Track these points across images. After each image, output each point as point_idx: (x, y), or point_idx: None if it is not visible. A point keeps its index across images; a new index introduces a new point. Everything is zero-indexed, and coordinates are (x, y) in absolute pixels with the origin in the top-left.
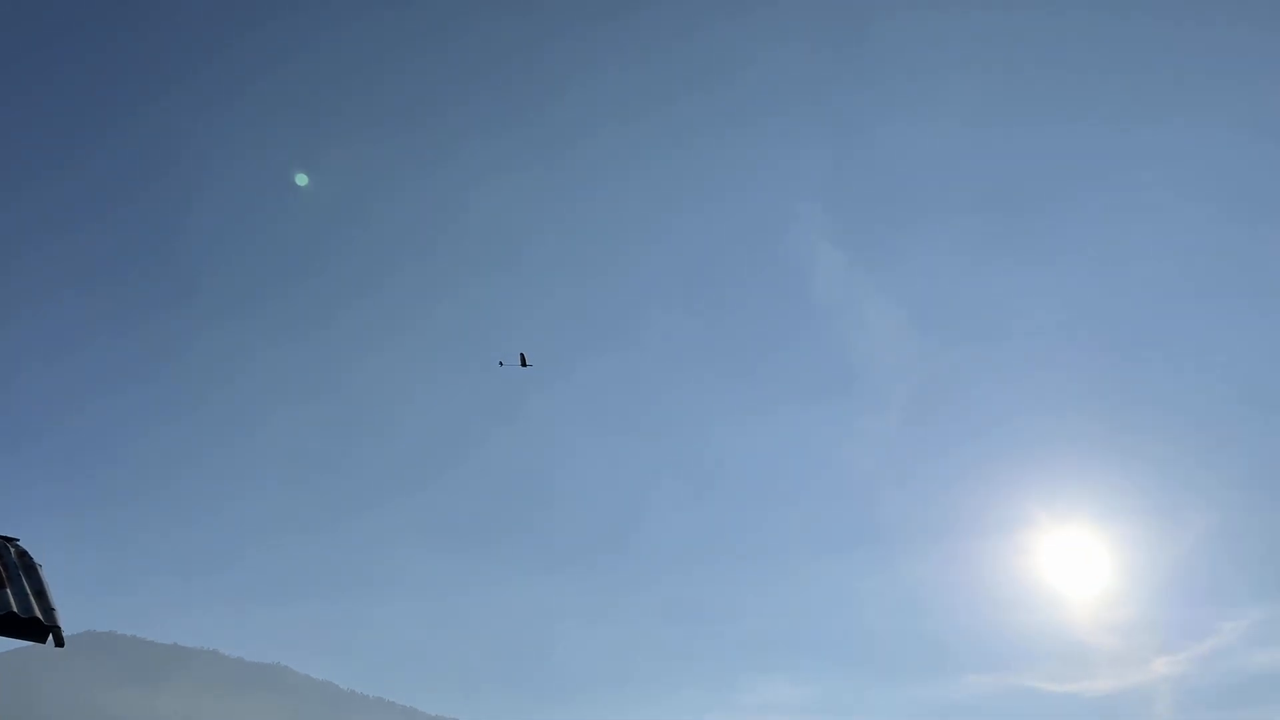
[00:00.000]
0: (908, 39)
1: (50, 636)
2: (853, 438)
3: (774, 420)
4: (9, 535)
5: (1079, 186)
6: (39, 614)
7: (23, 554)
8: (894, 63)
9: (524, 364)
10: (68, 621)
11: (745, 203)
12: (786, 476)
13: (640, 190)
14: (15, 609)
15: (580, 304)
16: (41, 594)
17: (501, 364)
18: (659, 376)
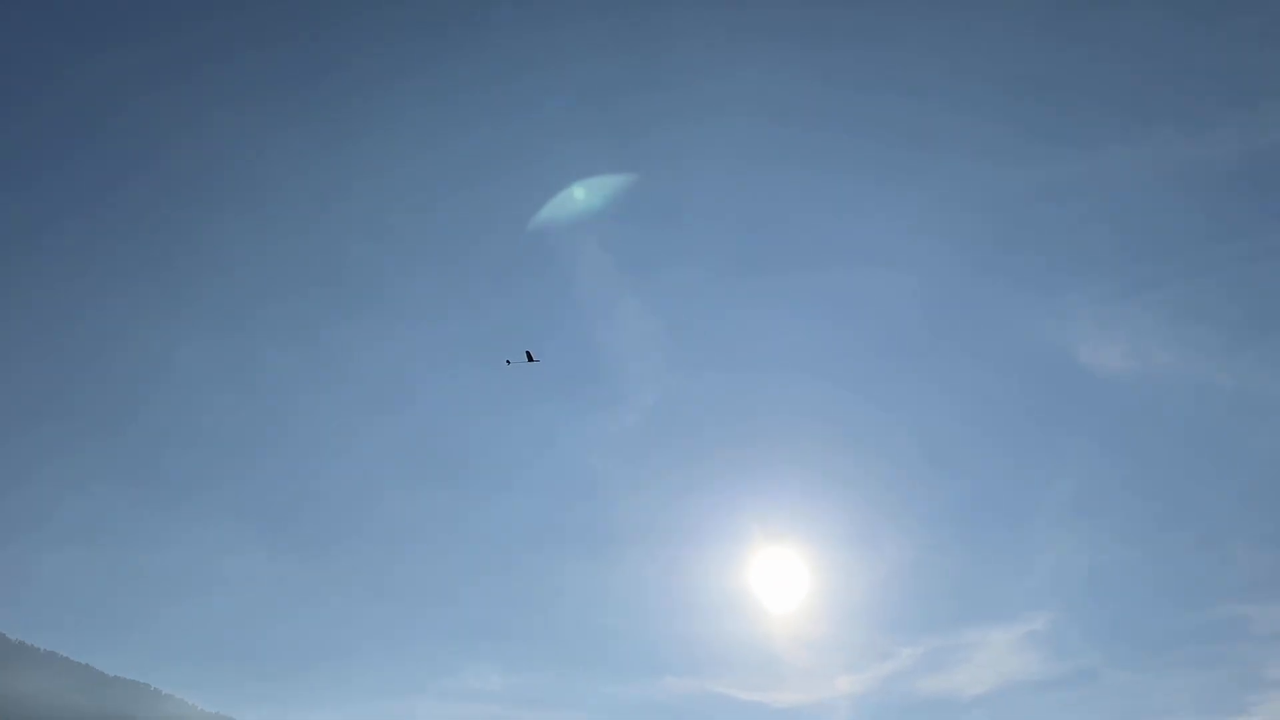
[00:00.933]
0: (706, 54)
1: None
2: (594, 438)
3: (519, 412)
4: None
5: (835, 228)
6: None
7: None
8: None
9: (530, 359)
10: None
11: (517, 189)
12: (524, 469)
13: (411, 166)
14: None
15: (336, 263)
16: None
17: (509, 362)
18: (407, 349)
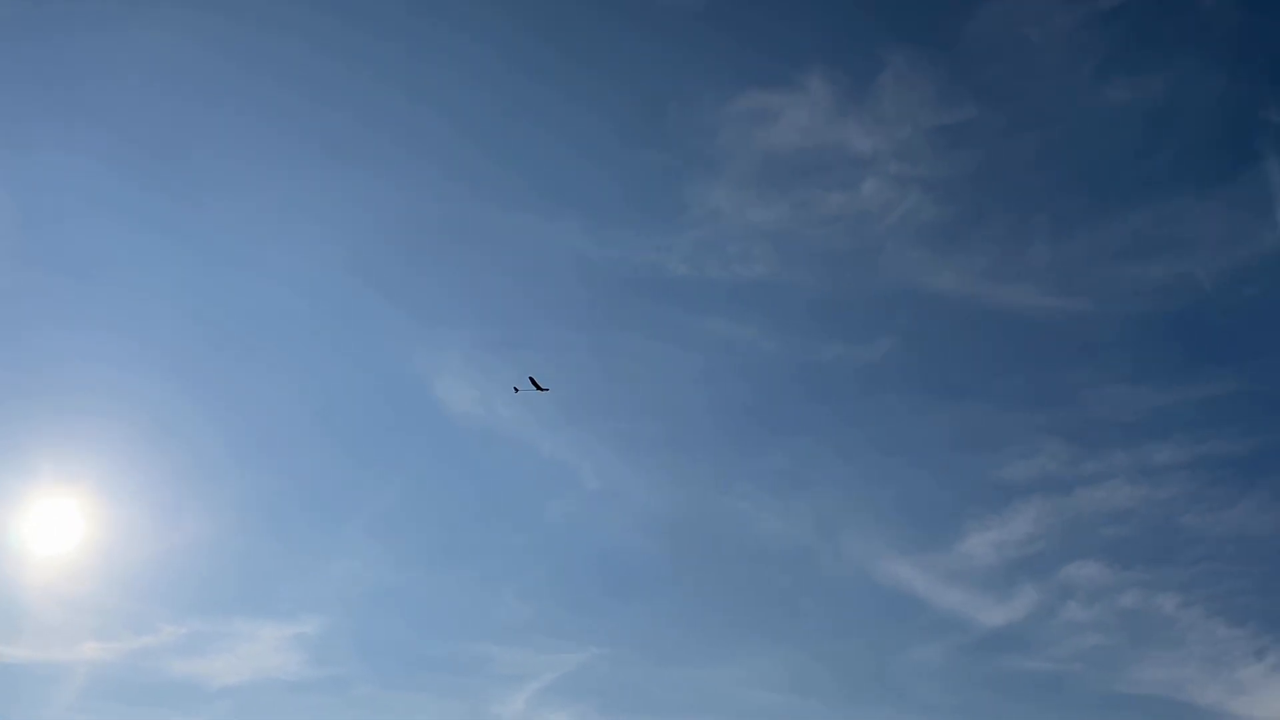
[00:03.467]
0: None
1: None
2: None
3: None
4: None
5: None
6: None
7: None
8: None
9: (538, 388)
10: None
11: None
12: None
13: None
14: None
15: None
16: None
17: (517, 390)
18: None
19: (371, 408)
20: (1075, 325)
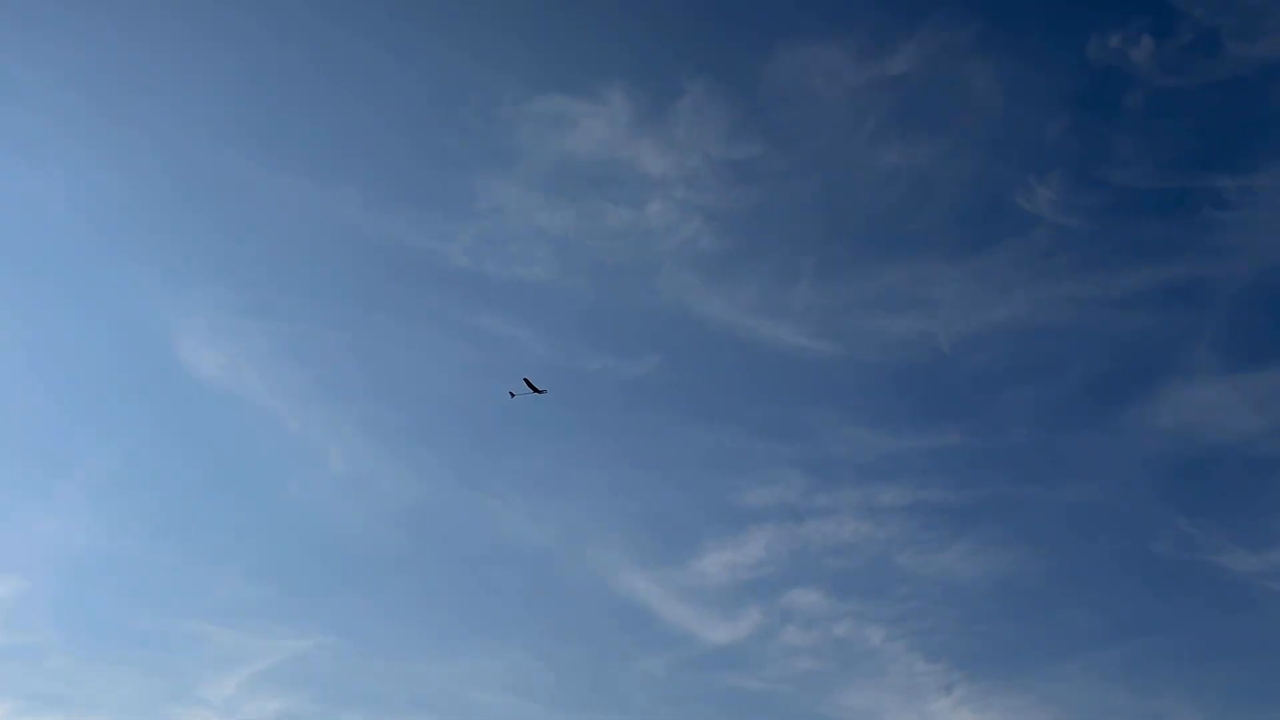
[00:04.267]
0: None
1: None
2: None
3: None
4: None
5: None
6: None
7: None
8: None
9: (535, 389)
10: None
11: None
12: None
13: None
14: None
15: None
16: None
17: (513, 395)
18: None
19: (102, 361)
20: (825, 367)
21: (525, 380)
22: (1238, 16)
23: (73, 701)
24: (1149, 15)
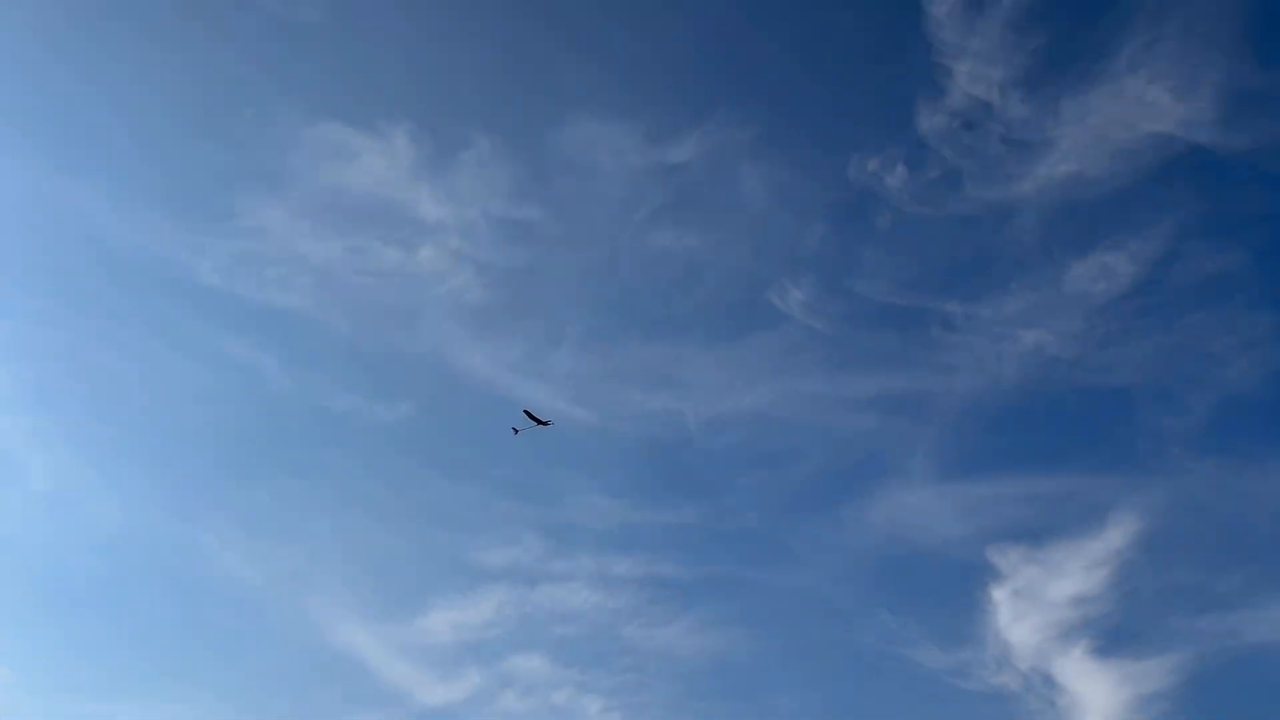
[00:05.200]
0: None
1: None
2: None
3: None
4: None
5: None
6: None
7: None
8: None
9: (538, 421)
10: None
11: None
12: None
13: None
14: None
15: None
16: None
17: (516, 430)
18: None
19: None
20: (577, 433)
21: (526, 413)
22: (978, 162)
23: None
24: (905, 147)
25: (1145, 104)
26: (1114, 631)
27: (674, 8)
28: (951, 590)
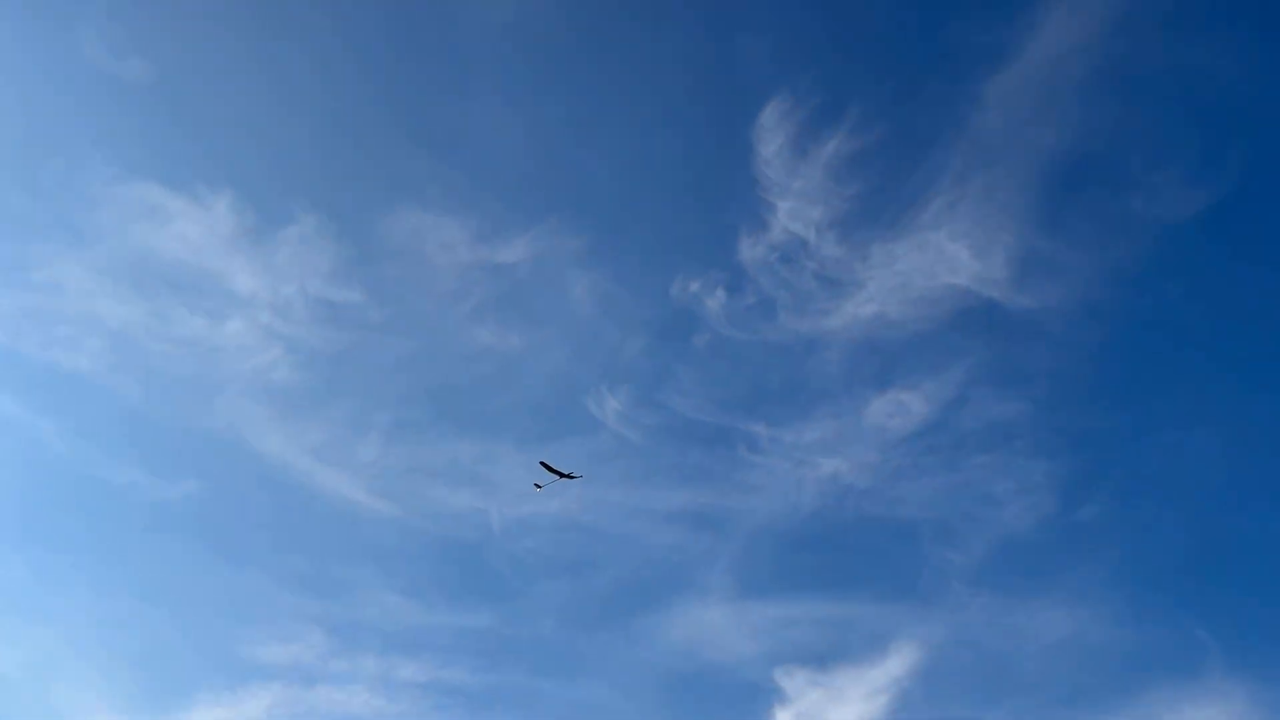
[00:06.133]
0: None
1: None
2: None
3: None
4: None
5: None
6: None
7: None
8: None
9: (561, 474)
10: None
11: None
12: None
13: None
14: None
15: None
16: None
17: (539, 486)
18: None
19: None
20: (375, 527)
21: (543, 464)
22: (792, 294)
23: None
24: (726, 273)
25: (946, 257)
26: None
27: (516, 114)
28: (737, 711)
